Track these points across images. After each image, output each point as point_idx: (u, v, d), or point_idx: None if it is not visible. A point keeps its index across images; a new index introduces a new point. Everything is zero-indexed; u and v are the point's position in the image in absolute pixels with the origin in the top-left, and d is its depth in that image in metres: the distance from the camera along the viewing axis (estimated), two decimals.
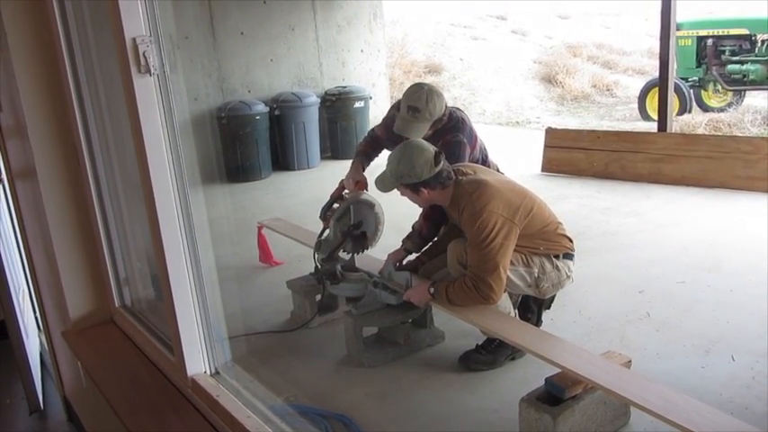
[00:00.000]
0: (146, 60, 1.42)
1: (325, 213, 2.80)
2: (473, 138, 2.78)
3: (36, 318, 3.24)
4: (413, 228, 2.72)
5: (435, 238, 2.73)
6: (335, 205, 2.80)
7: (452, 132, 2.68)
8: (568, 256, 2.47)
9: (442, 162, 2.34)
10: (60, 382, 2.82)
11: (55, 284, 2.26)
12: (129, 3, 1.40)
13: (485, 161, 2.93)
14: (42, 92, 2.01)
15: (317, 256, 2.81)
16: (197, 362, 1.68)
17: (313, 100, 6.49)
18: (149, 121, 1.48)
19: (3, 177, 2.87)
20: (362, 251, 2.87)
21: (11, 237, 3.08)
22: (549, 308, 2.69)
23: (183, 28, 5.53)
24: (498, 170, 3.05)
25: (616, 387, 1.77)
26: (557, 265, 2.42)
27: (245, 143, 6.06)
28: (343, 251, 2.82)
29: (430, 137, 2.73)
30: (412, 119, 2.60)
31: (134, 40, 1.41)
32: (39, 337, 3.27)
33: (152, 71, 1.44)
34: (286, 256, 3.74)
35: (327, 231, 2.79)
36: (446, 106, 2.69)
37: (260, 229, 3.69)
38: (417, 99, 2.59)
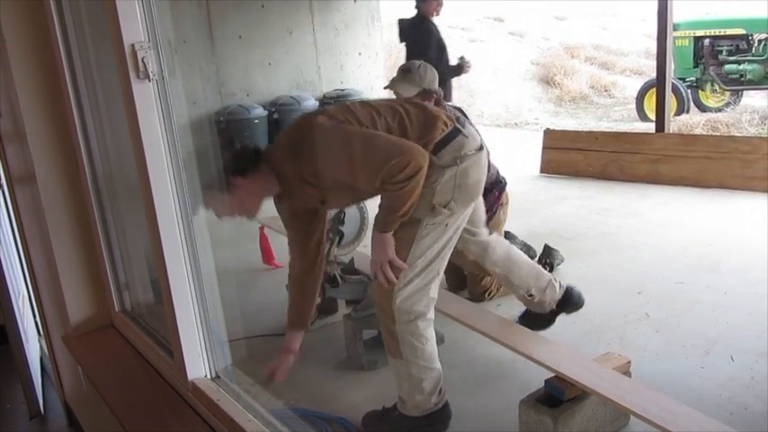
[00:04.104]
0: (144, 66, 1.42)
1: None
2: None
3: (36, 322, 3.24)
4: None
5: None
6: None
7: None
8: (448, 138, 1.91)
9: None
10: (60, 387, 2.82)
11: (55, 289, 2.27)
12: (127, 9, 1.40)
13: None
14: (41, 97, 2.01)
15: None
16: (197, 366, 1.69)
17: (312, 103, 6.50)
18: (148, 127, 1.48)
19: (2, 182, 2.87)
20: (363, 232, 2.85)
21: (11, 241, 3.08)
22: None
23: (181, 32, 5.54)
24: (498, 173, 3.08)
25: (613, 394, 1.78)
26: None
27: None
28: (337, 247, 2.80)
29: None
30: (401, 78, 2.82)
31: (133, 46, 1.41)
32: (39, 341, 3.28)
33: (151, 77, 1.44)
34: (286, 259, 3.74)
35: None
36: (440, 90, 2.87)
37: (262, 228, 3.69)
38: (409, 64, 2.91)
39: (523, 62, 11.63)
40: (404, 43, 4.64)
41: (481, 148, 1.99)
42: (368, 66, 7.39)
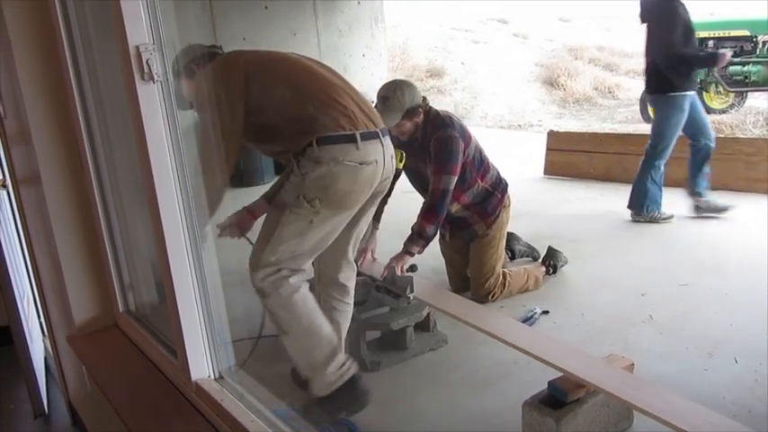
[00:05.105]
0: (149, 68, 1.43)
1: None
2: (465, 135, 2.86)
3: (40, 323, 3.26)
4: (412, 229, 2.74)
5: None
6: None
7: (442, 129, 2.80)
8: (339, 139, 1.88)
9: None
10: (65, 387, 2.83)
11: (59, 289, 2.27)
12: (132, 11, 1.41)
13: (482, 162, 2.95)
14: (46, 98, 2.03)
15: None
16: (201, 366, 1.69)
17: None
18: (153, 128, 1.49)
19: (8, 183, 2.89)
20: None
21: (15, 242, 3.10)
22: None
23: (185, 34, 5.56)
24: (498, 174, 3.07)
25: (619, 391, 1.77)
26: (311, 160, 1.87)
27: (248, 148, 6.07)
28: None
29: (420, 139, 2.82)
30: (383, 108, 2.74)
31: (137, 48, 1.42)
32: (43, 341, 3.29)
33: (155, 79, 1.45)
34: None
35: None
36: (424, 100, 2.83)
37: None
38: (386, 90, 2.79)
39: (527, 64, 11.64)
40: (645, 24, 4.19)
41: (369, 164, 1.91)
42: (371, 67, 7.39)
